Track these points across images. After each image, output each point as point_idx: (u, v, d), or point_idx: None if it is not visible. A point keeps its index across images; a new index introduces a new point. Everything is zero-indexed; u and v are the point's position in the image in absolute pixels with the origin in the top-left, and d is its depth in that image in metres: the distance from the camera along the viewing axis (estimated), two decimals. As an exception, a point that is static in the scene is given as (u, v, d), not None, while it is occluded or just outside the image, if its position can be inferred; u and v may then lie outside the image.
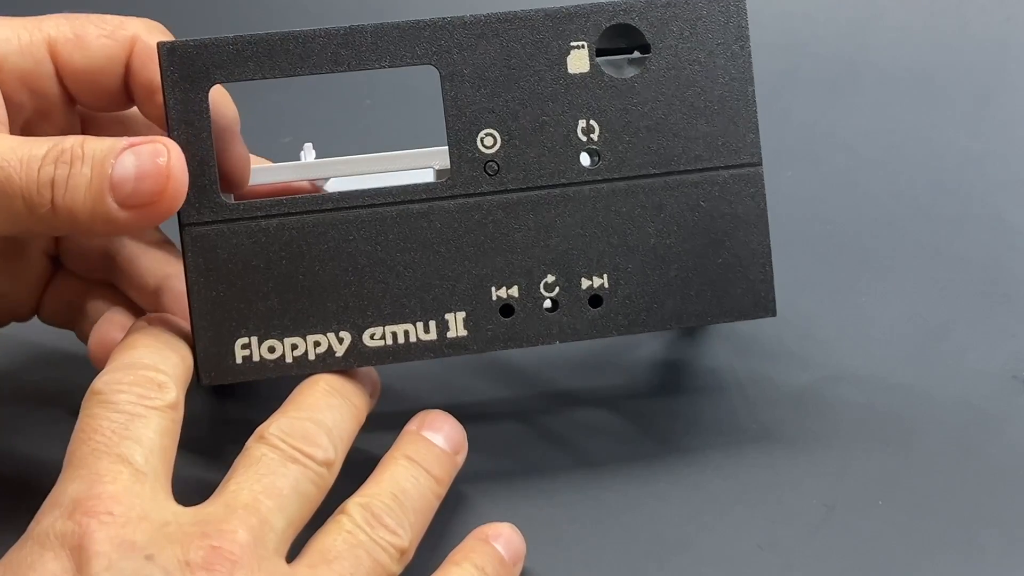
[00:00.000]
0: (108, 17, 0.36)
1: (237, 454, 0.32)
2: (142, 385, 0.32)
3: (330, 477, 0.33)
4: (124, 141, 0.33)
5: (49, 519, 0.29)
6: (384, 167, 0.38)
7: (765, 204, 0.37)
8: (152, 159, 0.33)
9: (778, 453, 0.39)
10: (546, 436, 0.40)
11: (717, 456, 0.38)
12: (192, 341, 0.35)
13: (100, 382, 0.32)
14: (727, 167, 0.37)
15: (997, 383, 0.41)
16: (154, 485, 0.30)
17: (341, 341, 0.35)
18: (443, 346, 0.36)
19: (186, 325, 0.36)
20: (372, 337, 0.35)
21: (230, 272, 0.35)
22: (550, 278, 0.36)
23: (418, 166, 0.38)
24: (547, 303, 0.36)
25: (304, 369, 0.35)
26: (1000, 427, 0.39)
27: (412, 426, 0.36)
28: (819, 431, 0.40)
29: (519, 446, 0.39)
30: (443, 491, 0.35)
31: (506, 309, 0.36)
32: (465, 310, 0.36)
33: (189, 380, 0.34)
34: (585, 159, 0.36)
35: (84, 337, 0.40)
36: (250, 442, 0.33)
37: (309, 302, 0.35)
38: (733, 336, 0.44)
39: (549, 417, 0.41)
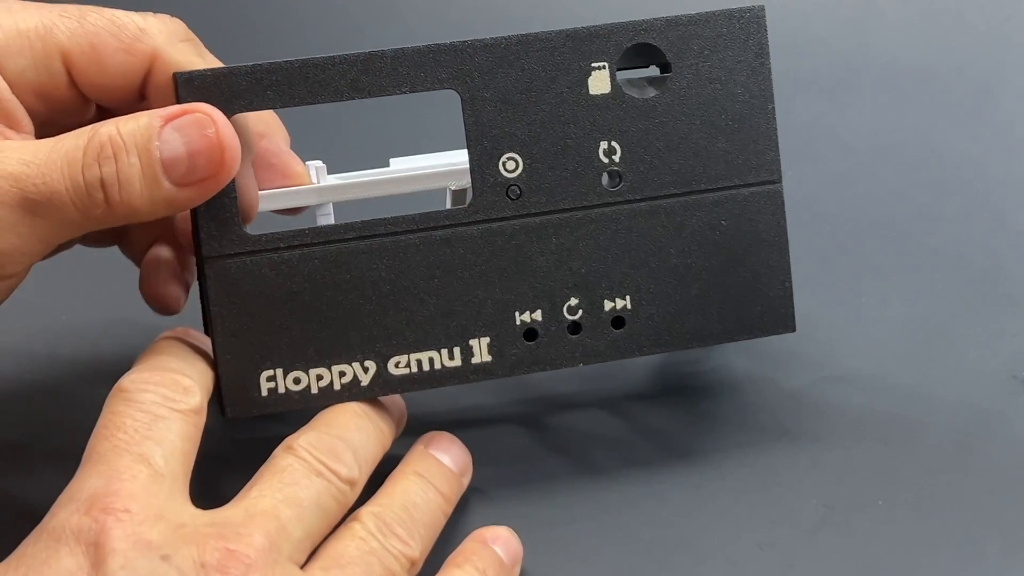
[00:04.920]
0: (126, 21, 0.34)
1: (256, 466, 0.32)
2: (168, 386, 0.32)
3: (352, 496, 0.32)
4: (159, 117, 0.32)
5: (65, 513, 0.29)
6: (398, 189, 0.38)
7: (785, 221, 0.37)
8: (200, 132, 0.32)
9: (778, 453, 0.39)
10: (544, 438, 0.40)
11: (717, 456, 0.38)
12: (216, 375, 0.34)
13: (127, 380, 0.32)
14: (747, 185, 0.37)
15: (997, 383, 0.41)
16: (172, 487, 0.30)
17: (366, 370, 0.35)
18: (468, 372, 0.36)
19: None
20: (397, 365, 0.35)
21: (253, 304, 0.34)
22: (573, 301, 0.36)
23: (434, 187, 0.38)
24: (570, 326, 0.36)
25: (330, 400, 0.35)
26: (1000, 427, 0.39)
27: (420, 445, 0.36)
28: (819, 431, 0.40)
29: (517, 448, 0.39)
30: (450, 509, 0.35)
31: (530, 333, 0.36)
32: (489, 335, 0.36)
33: (212, 389, 0.34)
34: (607, 180, 0.36)
35: (128, 254, 0.40)
36: (277, 451, 0.32)
37: (333, 332, 0.35)
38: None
39: (547, 420, 0.41)
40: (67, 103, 0.35)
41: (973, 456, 0.38)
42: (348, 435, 0.33)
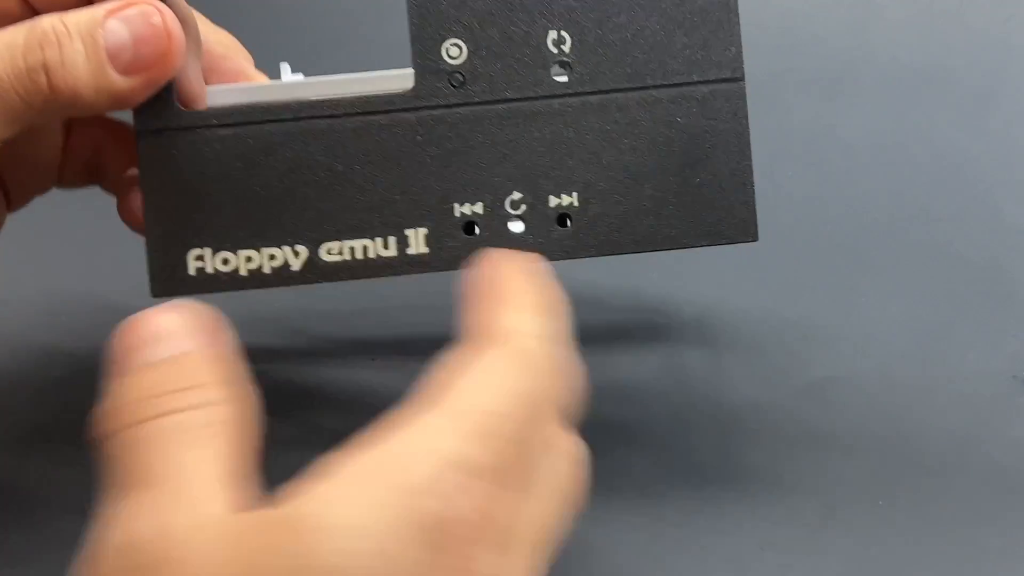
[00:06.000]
0: None
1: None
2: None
3: None
4: (102, 9, 0.32)
5: None
6: (361, 89, 0.36)
7: (747, 122, 0.35)
8: (145, 21, 0.32)
9: (778, 453, 0.39)
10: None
11: (717, 457, 0.38)
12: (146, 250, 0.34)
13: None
14: (706, 82, 0.35)
15: (997, 383, 0.41)
16: None
17: (297, 255, 0.34)
18: (403, 263, 0.35)
19: None
20: (329, 252, 0.35)
21: (186, 181, 0.34)
22: (516, 195, 0.35)
23: (393, 88, 0.36)
24: (512, 221, 0.35)
25: (259, 283, 0.35)
26: (1000, 427, 0.39)
27: None
28: (819, 431, 0.40)
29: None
30: None
31: (469, 226, 0.35)
32: (427, 226, 0.35)
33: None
34: (556, 72, 0.35)
35: (110, 189, 0.40)
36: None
37: (265, 214, 0.34)
38: (733, 336, 0.44)
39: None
40: (15, 17, 0.34)
41: (973, 456, 0.38)
42: None
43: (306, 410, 0.42)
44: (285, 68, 0.38)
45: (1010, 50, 0.59)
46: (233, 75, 0.38)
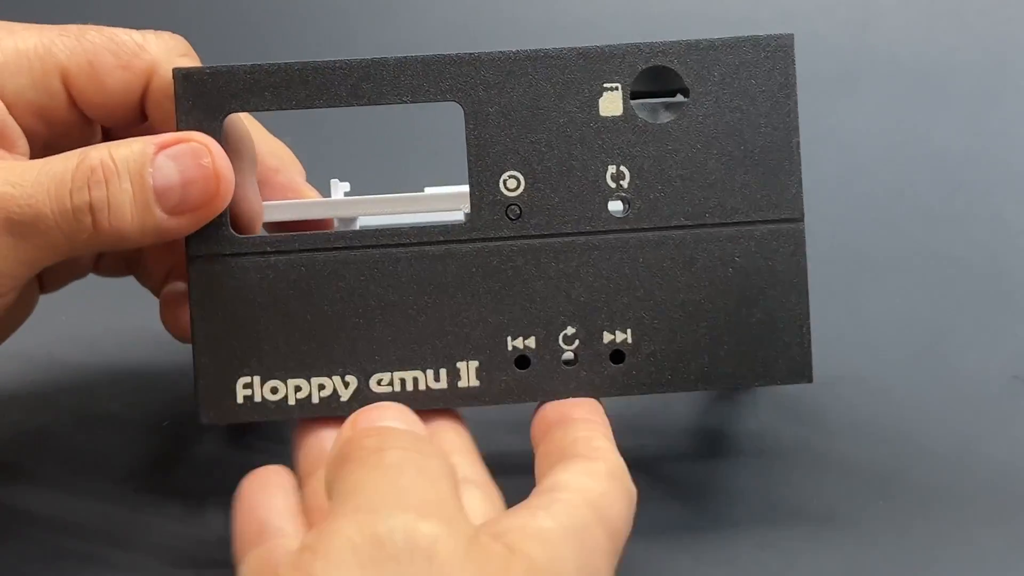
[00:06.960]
0: (125, 38, 0.34)
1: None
2: None
3: None
4: (152, 144, 0.32)
5: None
6: (411, 208, 0.37)
7: (805, 263, 0.35)
8: (195, 162, 0.32)
9: (778, 454, 0.39)
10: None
11: (716, 457, 0.38)
12: (194, 376, 0.34)
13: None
14: (765, 222, 0.35)
15: (997, 383, 0.41)
16: None
17: (347, 385, 0.34)
18: (454, 396, 0.34)
19: None
20: (379, 383, 0.34)
21: (236, 308, 0.34)
22: (570, 330, 0.35)
23: (446, 208, 0.37)
24: (566, 356, 0.35)
25: (307, 412, 0.34)
26: (1000, 427, 0.39)
27: None
28: (819, 431, 0.40)
29: (515, 452, 0.39)
30: None
31: (522, 360, 0.34)
32: (478, 359, 0.34)
33: None
34: (614, 207, 0.35)
35: (146, 284, 0.39)
36: None
37: (315, 343, 0.34)
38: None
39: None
40: (68, 124, 0.34)
41: (973, 456, 0.38)
42: None
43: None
44: (335, 185, 0.38)
45: (1010, 50, 0.59)
46: (284, 190, 0.37)
